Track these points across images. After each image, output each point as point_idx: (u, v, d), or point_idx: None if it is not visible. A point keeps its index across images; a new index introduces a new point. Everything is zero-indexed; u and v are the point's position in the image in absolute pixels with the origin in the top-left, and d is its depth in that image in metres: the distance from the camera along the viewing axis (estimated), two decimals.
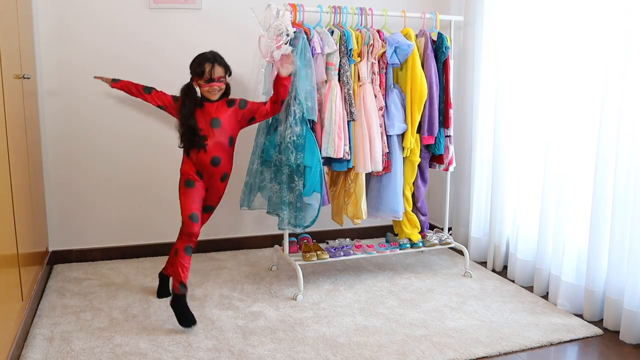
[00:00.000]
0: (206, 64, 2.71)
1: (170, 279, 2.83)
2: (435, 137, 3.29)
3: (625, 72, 2.55)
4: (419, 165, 3.33)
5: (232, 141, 2.82)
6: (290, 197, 2.97)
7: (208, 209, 2.94)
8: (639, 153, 2.53)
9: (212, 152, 2.75)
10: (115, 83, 2.91)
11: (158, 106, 2.88)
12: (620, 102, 2.58)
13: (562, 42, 2.94)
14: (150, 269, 3.41)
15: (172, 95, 2.87)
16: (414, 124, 3.19)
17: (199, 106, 2.77)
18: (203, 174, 2.80)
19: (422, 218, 3.44)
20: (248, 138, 3.22)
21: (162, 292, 3.00)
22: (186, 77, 3.55)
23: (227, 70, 2.79)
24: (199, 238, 3.69)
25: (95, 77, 2.99)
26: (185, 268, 2.67)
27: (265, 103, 2.86)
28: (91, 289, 3.10)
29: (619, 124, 2.58)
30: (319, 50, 2.97)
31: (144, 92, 2.87)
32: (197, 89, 2.81)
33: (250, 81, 3.14)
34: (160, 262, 3.53)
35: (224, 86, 2.77)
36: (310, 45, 2.96)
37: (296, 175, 2.94)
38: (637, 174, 2.53)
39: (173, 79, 3.53)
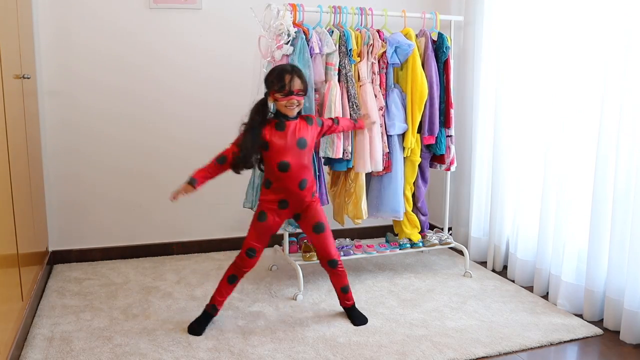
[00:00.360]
0: (286, 75, 2.49)
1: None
2: (437, 137, 3.29)
3: (625, 72, 2.55)
4: (420, 165, 3.33)
5: (312, 158, 2.65)
6: None
7: (319, 229, 2.64)
8: (639, 153, 2.53)
9: (298, 176, 2.54)
10: (195, 185, 2.55)
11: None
12: (620, 101, 2.58)
13: (562, 42, 2.94)
14: (150, 269, 3.41)
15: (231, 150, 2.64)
16: (415, 123, 3.19)
17: (278, 127, 2.54)
18: (289, 201, 2.58)
19: (422, 218, 3.44)
20: None
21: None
22: (185, 77, 3.58)
23: (306, 86, 2.56)
24: (199, 238, 3.74)
25: (173, 199, 2.58)
26: (223, 294, 2.63)
27: (333, 121, 2.76)
28: (91, 289, 3.10)
29: (619, 123, 2.58)
30: (317, 51, 2.97)
31: (221, 164, 2.58)
32: (271, 106, 2.61)
33: (251, 81, 3.13)
34: (160, 262, 3.54)
35: (302, 101, 2.56)
36: (308, 45, 2.96)
37: None
38: (637, 174, 2.53)
39: (173, 79, 3.56)
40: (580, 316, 2.82)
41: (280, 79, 2.49)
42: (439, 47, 3.26)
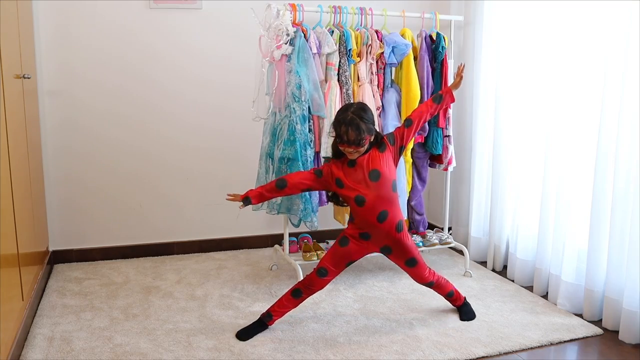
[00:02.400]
0: (341, 127, 2.42)
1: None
2: (433, 137, 3.29)
3: (625, 72, 2.55)
4: (417, 165, 3.33)
5: (395, 186, 2.52)
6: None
7: (411, 264, 2.62)
8: (638, 153, 2.53)
9: (376, 209, 2.48)
10: (249, 202, 2.55)
11: (306, 189, 2.62)
12: (620, 101, 2.58)
13: (562, 42, 2.94)
14: (150, 269, 3.41)
15: (313, 170, 2.59)
16: None
17: (349, 164, 2.50)
18: (371, 234, 2.54)
19: (418, 217, 3.44)
20: (257, 142, 3.24)
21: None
22: (185, 78, 3.58)
23: (366, 131, 2.42)
24: (199, 238, 3.74)
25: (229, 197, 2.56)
26: (284, 307, 2.61)
27: (405, 125, 2.58)
28: (91, 289, 3.10)
29: (619, 123, 2.58)
30: (314, 50, 2.98)
31: (280, 189, 2.55)
32: None
33: (252, 81, 3.13)
34: (161, 262, 3.55)
35: (362, 149, 2.45)
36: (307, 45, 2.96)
37: (288, 166, 2.94)
38: (636, 174, 2.53)
39: (173, 79, 3.56)
40: (580, 316, 2.82)
41: (336, 128, 2.46)
42: (436, 47, 3.27)
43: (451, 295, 2.79)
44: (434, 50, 3.28)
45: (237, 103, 3.59)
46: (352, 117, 2.42)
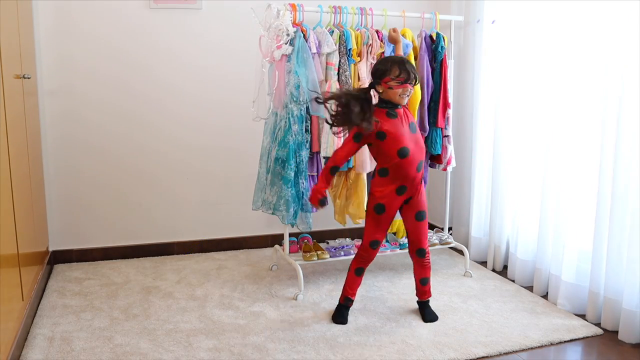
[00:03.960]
0: (394, 67, 2.50)
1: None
2: (432, 137, 3.29)
3: (625, 72, 2.55)
4: None
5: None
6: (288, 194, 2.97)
7: (421, 217, 2.66)
8: (638, 153, 2.53)
9: (416, 159, 2.56)
10: (325, 199, 2.56)
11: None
12: (621, 100, 2.58)
13: (562, 42, 2.94)
14: (150, 269, 3.42)
15: (352, 138, 2.54)
16: None
17: (390, 116, 2.54)
18: (407, 186, 2.57)
19: None
20: (258, 141, 3.24)
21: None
22: (186, 77, 3.58)
23: (417, 75, 2.57)
24: (199, 238, 3.74)
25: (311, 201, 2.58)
26: (354, 286, 2.73)
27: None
28: (91, 289, 3.10)
29: (620, 123, 2.58)
30: (314, 50, 2.98)
31: (333, 175, 2.59)
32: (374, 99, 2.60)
33: (252, 81, 3.14)
34: (161, 262, 3.55)
35: (412, 92, 2.59)
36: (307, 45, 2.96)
37: (282, 166, 2.94)
38: (636, 174, 2.53)
39: (174, 79, 3.56)
40: (580, 316, 2.82)
41: (397, 68, 2.50)
42: (435, 47, 3.27)
43: (424, 284, 2.79)
44: (433, 50, 3.28)
45: (237, 103, 3.59)
46: (401, 58, 2.56)
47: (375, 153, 2.60)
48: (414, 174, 2.57)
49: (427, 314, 2.78)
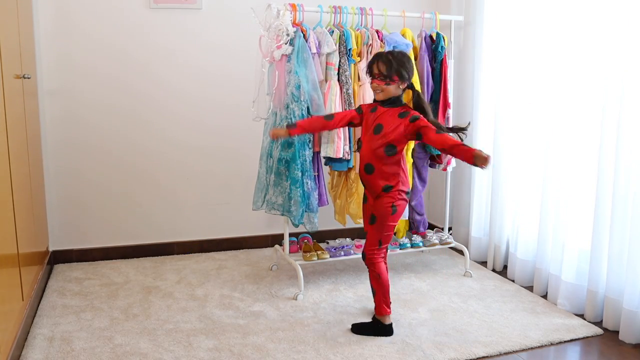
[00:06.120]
0: (373, 60, 2.50)
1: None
2: None
3: (626, 71, 2.55)
4: (417, 166, 3.33)
5: (390, 152, 2.48)
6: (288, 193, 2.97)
7: (371, 220, 2.57)
8: (638, 153, 2.53)
9: (365, 159, 2.53)
10: (292, 129, 2.63)
11: (348, 124, 2.68)
12: (621, 101, 2.58)
13: (562, 42, 2.94)
14: (150, 269, 3.42)
15: (356, 109, 2.66)
16: None
17: (372, 109, 2.57)
18: (365, 186, 2.60)
19: (418, 217, 3.44)
20: (258, 141, 3.23)
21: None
22: (186, 77, 3.58)
23: (395, 73, 2.45)
24: (199, 238, 3.74)
25: (273, 137, 2.73)
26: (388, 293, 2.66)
27: (436, 130, 2.45)
28: (91, 289, 3.10)
29: (620, 123, 2.58)
30: (314, 50, 2.98)
31: (327, 121, 2.65)
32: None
33: (252, 81, 3.14)
34: (161, 262, 3.54)
35: (384, 86, 2.47)
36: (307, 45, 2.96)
37: (286, 167, 2.94)
38: (637, 174, 2.53)
39: (174, 79, 3.56)
40: (580, 316, 2.82)
41: (371, 62, 2.52)
42: (435, 47, 3.27)
43: (374, 294, 2.62)
44: (433, 50, 3.28)
45: (237, 103, 3.59)
46: (388, 53, 2.53)
47: None
48: (362, 172, 2.56)
49: (363, 325, 2.63)
